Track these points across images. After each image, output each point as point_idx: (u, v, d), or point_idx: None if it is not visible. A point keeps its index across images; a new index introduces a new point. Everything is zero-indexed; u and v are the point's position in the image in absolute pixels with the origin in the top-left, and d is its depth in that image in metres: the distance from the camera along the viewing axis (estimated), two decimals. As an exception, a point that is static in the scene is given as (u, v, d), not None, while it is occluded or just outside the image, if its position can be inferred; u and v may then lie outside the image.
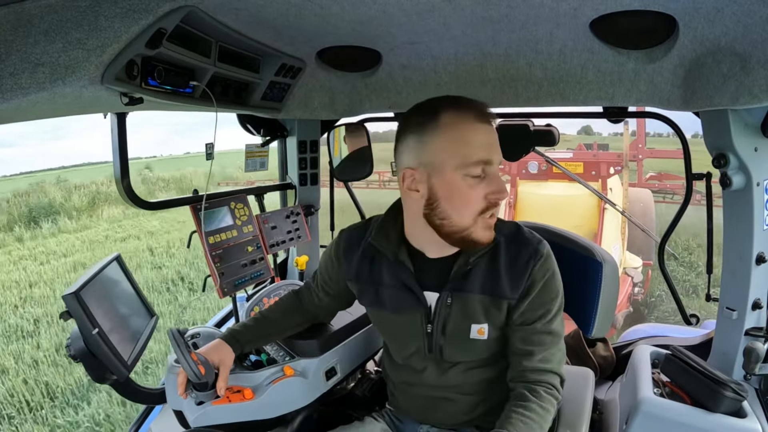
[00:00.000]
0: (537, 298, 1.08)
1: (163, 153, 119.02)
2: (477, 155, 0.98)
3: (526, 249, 1.09)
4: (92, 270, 1.29)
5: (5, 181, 30.10)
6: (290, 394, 1.34)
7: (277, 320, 1.37)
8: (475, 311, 1.10)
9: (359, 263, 1.21)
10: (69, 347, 1.20)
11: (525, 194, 6.79)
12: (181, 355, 1.13)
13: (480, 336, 1.11)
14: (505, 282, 1.08)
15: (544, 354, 1.07)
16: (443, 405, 1.21)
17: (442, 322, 1.12)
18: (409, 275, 1.12)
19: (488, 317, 1.10)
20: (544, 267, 1.08)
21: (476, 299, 1.09)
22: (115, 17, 0.79)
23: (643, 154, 7.97)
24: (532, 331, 1.08)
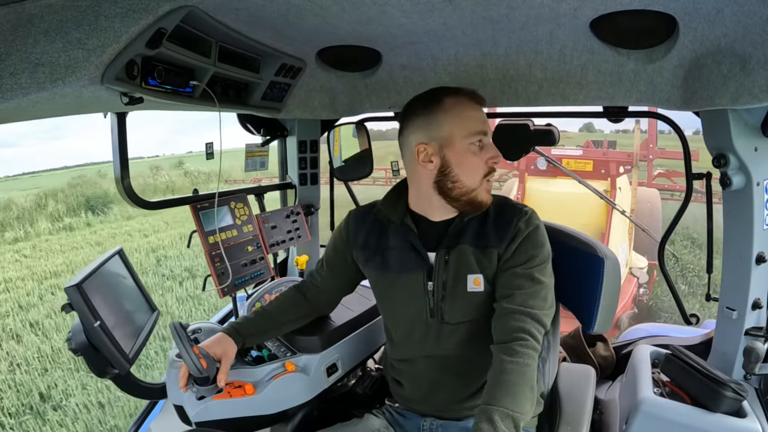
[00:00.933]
0: (521, 246, 1.16)
1: (165, 152, 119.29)
2: (477, 127, 1.16)
3: (511, 210, 1.21)
4: (95, 263, 1.29)
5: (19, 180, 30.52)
6: (291, 389, 1.35)
7: (279, 314, 1.38)
8: (469, 261, 1.19)
9: (368, 233, 1.32)
10: (70, 340, 1.21)
11: (533, 191, 6.73)
12: (183, 348, 1.13)
13: (476, 287, 1.18)
14: (492, 234, 1.18)
15: (524, 298, 1.10)
16: (444, 390, 1.23)
17: (442, 279, 1.20)
18: (414, 236, 1.24)
19: (481, 267, 1.18)
20: (529, 221, 1.17)
21: (468, 250, 1.19)
22: (115, 17, 0.79)
23: (654, 154, 7.89)
24: (514, 275, 1.14)
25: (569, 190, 6.31)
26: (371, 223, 1.32)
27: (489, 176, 1.20)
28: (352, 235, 1.34)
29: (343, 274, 1.39)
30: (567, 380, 1.39)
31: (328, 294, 1.43)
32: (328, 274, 1.40)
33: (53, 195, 18.96)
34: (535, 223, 1.18)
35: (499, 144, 1.79)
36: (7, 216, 16.25)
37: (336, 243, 1.38)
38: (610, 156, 6.98)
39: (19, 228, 14.72)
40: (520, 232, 1.16)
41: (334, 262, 1.38)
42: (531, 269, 1.13)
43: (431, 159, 1.17)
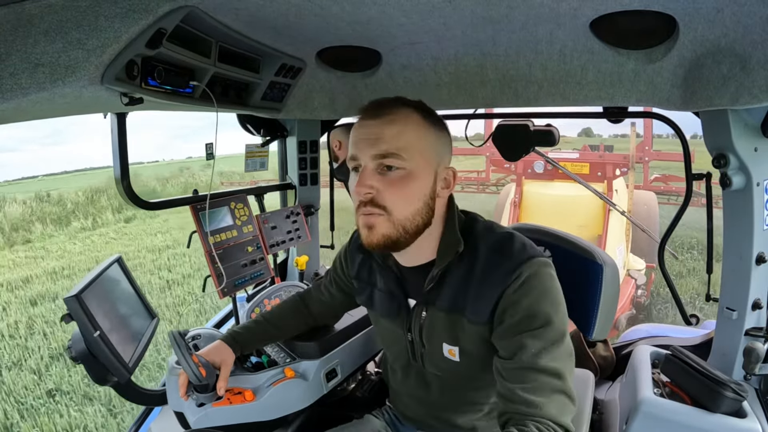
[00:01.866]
0: (514, 327, 0.91)
1: (165, 157, 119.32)
2: (350, 151, 0.97)
3: (504, 265, 0.94)
4: (93, 272, 1.29)
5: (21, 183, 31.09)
6: (291, 395, 1.34)
7: (279, 323, 1.38)
8: (443, 331, 1.02)
9: (360, 264, 1.23)
10: (70, 349, 1.21)
11: (530, 194, 6.78)
12: (182, 356, 1.13)
13: (452, 357, 1.03)
14: (471, 303, 0.96)
15: (530, 396, 0.84)
16: (435, 408, 1.20)
17: (419, 334, 1.08)
18: (394, 281, 1.10)
19: (457, 340, 1.01)
20: (523, 289, 0.91)
21: (440, 317, 1.02)
22: (115, 17, 0.79)
23: (650, 156, 7.94)
24: (512, 366, 0.89)
25: (566, 193, 6.35)
26: (360, 253, 1.22)
27: (360, 209, 0.95)
28: (350, 263, 1.28)
29: (346, 292, 1.36)
30: None
31: (334, 307, 1.42)
32: (336, 290, 1.37)
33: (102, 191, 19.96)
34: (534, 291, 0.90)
35: (500, 144, 1.80)
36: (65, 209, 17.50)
37: (340, 262, 1.34)
38: (606, 158, 7.04)
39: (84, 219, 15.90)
40: (509, 307, 0.91)
41: (341, 280, 1.35)
42: (534, 357, 0.87)
43: None
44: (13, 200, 18.62)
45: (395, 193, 0.92)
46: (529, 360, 0.87)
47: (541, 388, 0.84)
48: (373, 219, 0.93)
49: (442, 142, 1.00)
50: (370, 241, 0.94)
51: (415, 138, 0.94)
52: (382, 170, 0.93)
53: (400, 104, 0.97)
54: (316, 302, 1.41)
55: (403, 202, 0.93)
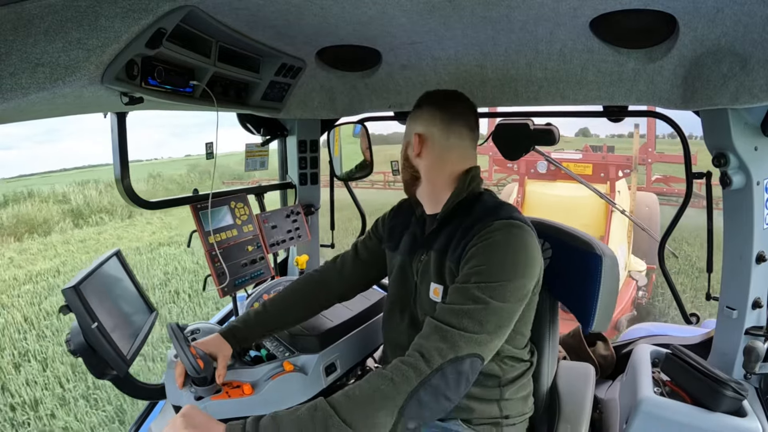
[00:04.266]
0: (469, 257, 1.02)
1: (163, 155, 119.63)
2: None
3: (487, 220, 1.06)
4: (92, 265, 1.29)
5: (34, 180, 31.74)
6: (289, 389, 1.34)
7: (279, 317, 1.37)
8: (432, 270, 1.14)
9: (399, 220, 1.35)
10: (69, 342, 1.20)
11: (533, 194, 6.78)
12: (180, 349, 1.14)
13: (435, 297, 1.13)
14: (453, 243, 1.10)
15: (446, 312, 0.94)
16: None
17: (419, 274, 1.19)
18: (419, 227, 1.26)
19: (442, 278, 1.11)
20: (486, 236, 1.02)
21: (434, 258, 1.14)
22: (115, 17, 0.79)
23: (653, 158, 7.92)
24: (453, 289, 1.00)
25: (569, 194, 6.34)
26: (406, 210, 1.35)
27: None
28: (387, 220, 1.39)
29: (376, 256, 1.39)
30: (566, 378, 1.39)
31: (356, 281, 1.43)
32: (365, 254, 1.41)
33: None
34: (497, 237, 1.01)
35: (500, 143, 1.80)
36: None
37: (376, 226, 1.43)
38: (609, 160, 7.04)
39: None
40: (474, 242, 1.03)
41: (372, 243, 1.41)
42: (471, 285, 0.96)
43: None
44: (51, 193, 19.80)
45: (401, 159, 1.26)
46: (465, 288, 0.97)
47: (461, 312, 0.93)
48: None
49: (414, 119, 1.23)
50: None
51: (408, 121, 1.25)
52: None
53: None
54: (345, 267, 1.42)
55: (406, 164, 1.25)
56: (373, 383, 0.87)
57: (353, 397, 0.86)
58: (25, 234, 14.16)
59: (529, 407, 1.24)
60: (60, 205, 17.94)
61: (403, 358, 0.90)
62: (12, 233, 14.18)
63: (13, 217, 15.70)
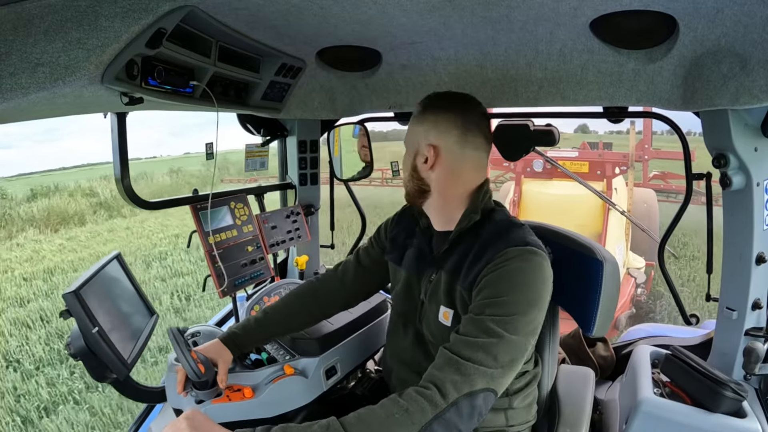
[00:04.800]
0: (483, 287, 0.99)
1: (162, 153, 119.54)
2: None
3: (497, 245, 1.03)
4: (93, 268, 1.29)
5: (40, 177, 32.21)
6: (290, 393, 1.34)
7: (280, 322, 1.37)
8: (441, 292, 1.12)
9: (402, 228, 1.33)
10: (69, 345, 1.20)
11: (529, 193, 6.77)
12: (180, 353, 1.13)
13: (445, 321, 1.10)
14: (465, 267, 1.07)
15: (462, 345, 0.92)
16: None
17: (428, 295, 1.17)
18: (426, 242, 1.22)
19: (452, 303, 1.09)
20: (500, 266, 0.99)
21: (443, 279, 1.12)
22: (115, 17, 0.79)
23: (649, 154, 7.92)
24: (467, 319, 0.97)
25: (566, 192, 6.34)
26: (409, 218, 1.33)
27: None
28: (391, 228, 1.36)
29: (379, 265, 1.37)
30: (566, 382, 1.39)
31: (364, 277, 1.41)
32: (367, 261, 1.38)
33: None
34: (513, 266, 0.98)
35: (499, 144, 1.80)
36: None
37: (379, 234, 1.40)
38: (605, 157, 7.02)
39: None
40: (487, 270, 1.00)
41: (374, 252, 1.38)
42: (485, 316, 0.94)
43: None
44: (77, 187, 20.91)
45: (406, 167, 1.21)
46: (480, 320, 0.95)
47: (475, 345, 0.91)
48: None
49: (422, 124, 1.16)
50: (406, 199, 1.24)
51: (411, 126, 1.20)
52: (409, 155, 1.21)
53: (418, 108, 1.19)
54: (344, 278, 1.40)
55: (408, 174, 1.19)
56: (387, 409, 0.86)
57: (366, 420, 0.87)
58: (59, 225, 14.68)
59: (532, 415, 1.23)
60: (88, 198, 18.83)
61: (419, 388, 0.88)
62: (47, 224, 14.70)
63: (45, 210, 16.30)
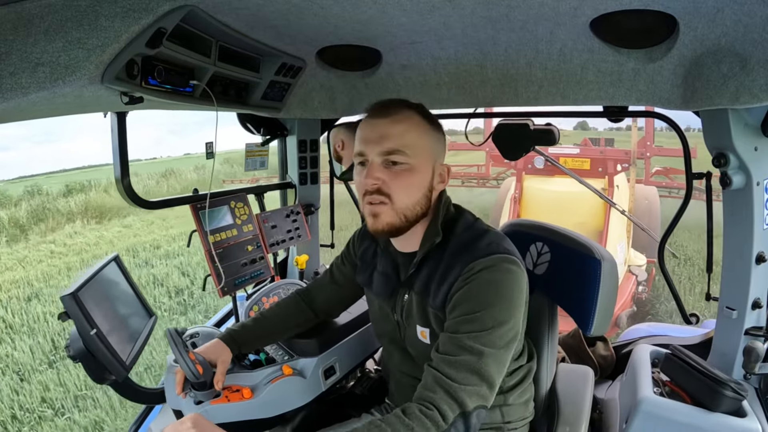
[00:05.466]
0: (456, 305, 0.99)
1: (162, 154, 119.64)
2: (358, 147, 1.06)
3: (464, 258, 1.01)
4: (90, 270, 1.29)
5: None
6: (289, 393, 1.35)
7: (277, 322, 1.38)
8: (415, 313, 1.11)
9: (367, 246, 1.30)
10: (68, 348, 1.21)
11: (530, 189, 6.74)
12: (179, 354, 1.14)
13: (423, 339, 1.10)
14: (434, 289, 1.05)
15: (444, 365, 0.93)
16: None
17: (402, 316, 1.16)
18: (391, 265, 1.18)
19: (426, 322, 1.08)
20: (472, 279, 0.98)
21: (416, 301, 1.11)
22: (116, 17, 0.79)
23: (651, 152, 7.89)
24: (443, 340, 0.97)
25: (567, 189, 6.31)
26: (370, 235, 1.25)
27: (365, 198, 1.04)
28: (358, 244, 1.34)
29: (352, 281, 1.37)
30: (565, 381, 1.39)
31: (340, 292, 1.42)
32: (347, 268, 1.38)
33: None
34: (485, 277, 0.97)
35: (500, 144, 1.80)
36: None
37: (353, 243, 1.37)
38: (607, 154, 6.98)
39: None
40: (456, 287, 0.99)
41: (350, 259, 1.38)
42: (461, 335, 0.94)
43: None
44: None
45: (399, 185, 1.03)
46: (455, 335, 0.95)
47: (458, 363, 0.92)
48: (378, 208, 1.03)
49: (438, 141, 1.10)
50: (376, 228, 1.05)
51: (417, 137, 1.04)
52: (388, 165, 1.03)
53: (404, 106, 1.06)
54: (322, 290, 1.42)
55: (406, 193, 1.03)
56: (393, 427, 0.87)
57: None
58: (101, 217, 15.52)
59: (529, 411, 1.24)
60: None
61: (421, 407, 0.89)
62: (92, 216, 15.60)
63: (82, 204, 17.32)
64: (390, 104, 1.05)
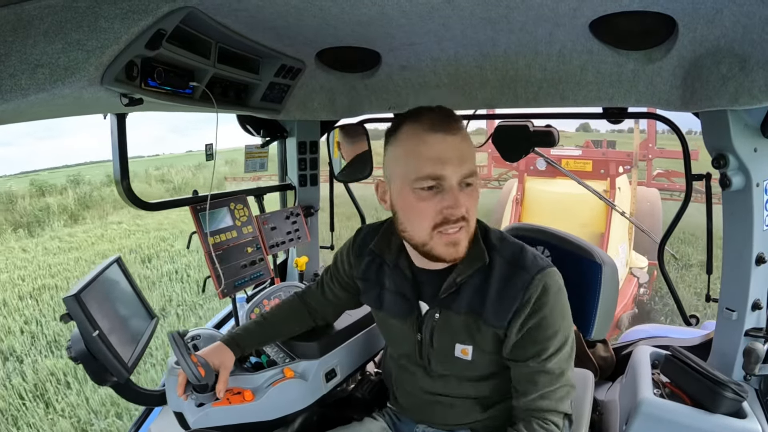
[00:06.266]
0: (529, 335, 1.01)
1: (165, 151, 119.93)
2: (425, 170, 0.95)
3: (522, 276, 1.02)
4: (93, 272, 1.29)
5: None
6: (290, 396, 1.34)
7: (279, 324, 1.38)
8: (459, 331, 1.08)
9: (368, 264, 1.25)
10: (70, 349, 1.21)
11: (532, 191, 6.73)
12: (181, 357, 1.14)
13: (464, 356, 1.09)
14: (491, 307, 1.03)
15: (540, 393, 1.01)
16: (437, 408, 1.22)
17: (429, 335, 1.13)
18: (406, 283, 1.14)
19: (473, 339, 1.07)
20: (541, 301, 1.00)
21: (461, 319, 1.07)
22: (115, 18, 0.79)
23: (653, 154, 7.89)
24: (525, 369, 1.03)
25: (569, 191, 6.30)
26: (368, 251, 1.23)
27: (443, 227, 0.97)
28: (355, 261, 1.29)
29: (351, 290, 1.36)
30: None
31: (334, 306, 1.42)
32: (338, 288, 1.37)
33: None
34: (549, 302, 1.00)
35: (499, 145, 1.80)
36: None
37: (343, 262, 1.34)
38: (609, 156, 6.98)
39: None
40: (528, 317, 1.00)
41: (343, 279, 1.36)
42: (545, 361, 1.01)
43: (384, 198, 1.06)
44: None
45: (473, 207, 1.00)
46: (540, 364, 1.01)
47: (548, 384, 1.01)
48: (460, 235, 0.98)
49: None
50: (455, 257, 1.01)
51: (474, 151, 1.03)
52: (463, 187, 0.98)
53: (456, 116, 1.00)
54: (316, 301, 1.42)
55: (475, 214, 1.02)
56: None
57: None
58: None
59: None
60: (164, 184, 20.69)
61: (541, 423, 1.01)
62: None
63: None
64: (450, 115, 0.98)
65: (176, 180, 21.30)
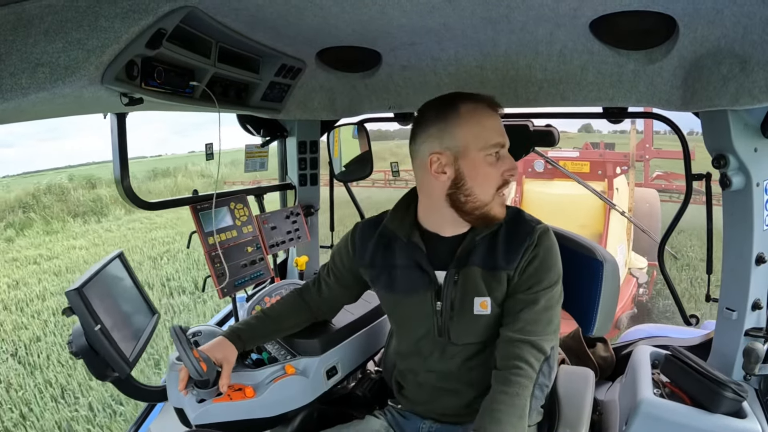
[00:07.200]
0: (529, 269, 1.14)
1: (167, 152, 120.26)
2: (494, 139, 1.11)
3: (523, 228, 1.17)
4: (95, 267, 1.29)
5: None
6: (291, 392, 1.35)
7: (280, 318, 1.38)
8: (477, 284, 1.15)
9: (374, 249, 1.28)
10: (71, 344, 1.21)
11: (531, 193, 6.76)
12: (183, 351, 1.13)
13: (483, 310, 1.15)
14: (501, 255, 1.15)
15: (524, 324, 1.09)
16: (446, 397, 1.23)
17: (450, 299, 1.17)
18: (422, 254, 1.20)
19: (489, 290, 1.15)
20: (540, 241, 1.15)
21: (477, 272, 1.16)
22: (115, 17, 0.79)
23: (650, 154, 7.92)
24: (518, 300, 1.13)
25: (567, 192, 6.33)
26: (377, 238, 1.28)
27: (503, 189, 1.16)
28: (359, 252, 1.31)
29: (349, 285, 1.37)
30: (566, 383, 1.39)
31: (332, 302, 1.42)
32: (335, 283, 1.38)
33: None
34: (547, 244, 1.15)
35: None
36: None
37: (342, 256, 1.36)
38: (606, 157, 7.02)
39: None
40: (530, 254, 1.14)
41: (341, 274, 1.37)
42: (536, 293, 1.12)
43: (445, 170, 1.12)
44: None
45: None
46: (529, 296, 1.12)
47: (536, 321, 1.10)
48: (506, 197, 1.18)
49: None
50: (503, 215, 1.17)
51: None
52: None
53: None
54: (314, 296, 1.42)
55: None
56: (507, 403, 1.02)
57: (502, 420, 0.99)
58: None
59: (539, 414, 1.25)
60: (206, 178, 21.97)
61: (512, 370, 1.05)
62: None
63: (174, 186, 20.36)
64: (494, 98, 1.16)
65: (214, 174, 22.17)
